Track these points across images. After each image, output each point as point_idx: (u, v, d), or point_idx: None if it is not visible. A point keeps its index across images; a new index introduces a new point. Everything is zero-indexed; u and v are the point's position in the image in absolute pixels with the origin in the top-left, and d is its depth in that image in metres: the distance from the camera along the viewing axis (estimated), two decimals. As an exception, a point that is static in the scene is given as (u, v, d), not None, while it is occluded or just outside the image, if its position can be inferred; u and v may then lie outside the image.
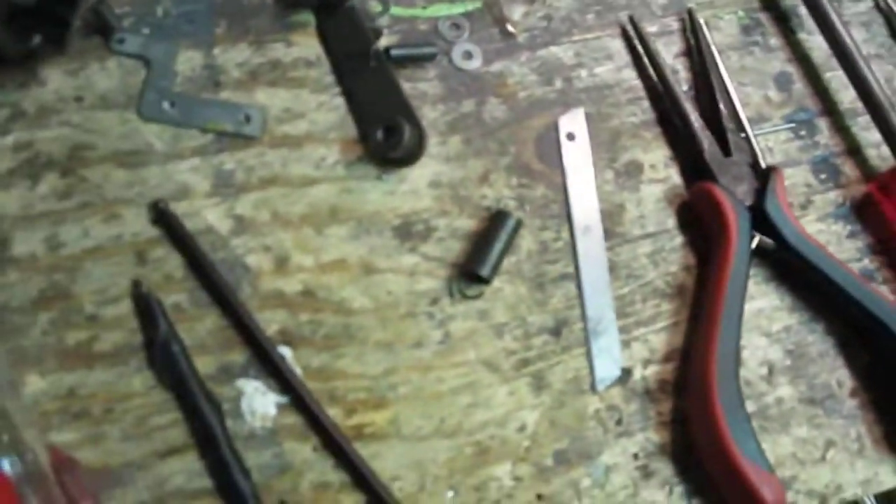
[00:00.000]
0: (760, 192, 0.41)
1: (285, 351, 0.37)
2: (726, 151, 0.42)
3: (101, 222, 0.38)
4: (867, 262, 0.43)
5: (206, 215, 0.38)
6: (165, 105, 0.39)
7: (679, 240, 0.42)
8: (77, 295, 0.36)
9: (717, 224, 0.40)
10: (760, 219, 0.40)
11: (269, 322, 0.37)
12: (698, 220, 0.42)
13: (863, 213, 0.44)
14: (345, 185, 0.40)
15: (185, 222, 0.38)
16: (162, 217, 0.38)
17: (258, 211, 0.39)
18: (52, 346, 0.36)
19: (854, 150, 0.46)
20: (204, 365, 0.36)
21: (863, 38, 0.48)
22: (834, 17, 0.45)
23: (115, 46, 0.40)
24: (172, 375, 0.36)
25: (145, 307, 0.36)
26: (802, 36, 0.47)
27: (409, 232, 0.40)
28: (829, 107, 0.46)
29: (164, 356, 0.36)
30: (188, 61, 0.41)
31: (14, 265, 0.36)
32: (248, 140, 0.40)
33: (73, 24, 0.37)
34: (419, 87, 0.42)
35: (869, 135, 0.45)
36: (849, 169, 0.45)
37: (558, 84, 0.43)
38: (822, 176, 0.45)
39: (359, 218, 0.39)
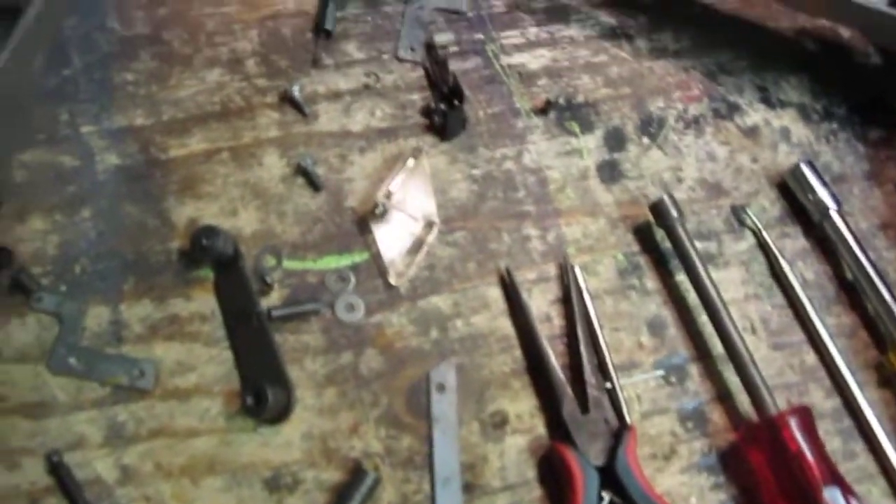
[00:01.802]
0: (612, 452, 0.44)
1: None
2: (584, 407, 0.46)
3: (3, 471, 0.44)
4: (729, 515, 0.46)
5: (96, 465, 0.44)
6: (71, 360, 0.46)
7: (538, 492, 0.45)
8: (-25, 541, 0.42)
9: (567, 485, 0.43)
10: (611, 478, 0.44)
11: (143, 571, 0.42)
12: (556, 475, 0.45)
13: (728, 462, 0.47)
14: (224, 438, 0.45)
15: (77, 472, 0.44)
16: (55, 468, 0.43)
17: (143, 462, 0.44)
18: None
19: (724, 396, 0.49)
20: None
21: (741, 277, 0.52)
22: (694, 257, 0.49)
23: (34, 304, 0.47)
24: None
25: (32, 556, 0.42)
26: (680, 278, 0.51)
27: (277, 484, 0.44)
28: (702, 352, 0.50)
29: None
30: (97, 317, 0.47)
31: (-76, 513, 0.43)
32: (141, 392, 0.46)
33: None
34: (302, 339, 0.48)
35: (738, 381, 0.48)
36: (717, 416, 0.48)
37: (434, 334, 0.48)
38: (689, 424, 0.48)
39: (233, 470, 0.45)
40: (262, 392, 0.43)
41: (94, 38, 0.54)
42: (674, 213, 0.50)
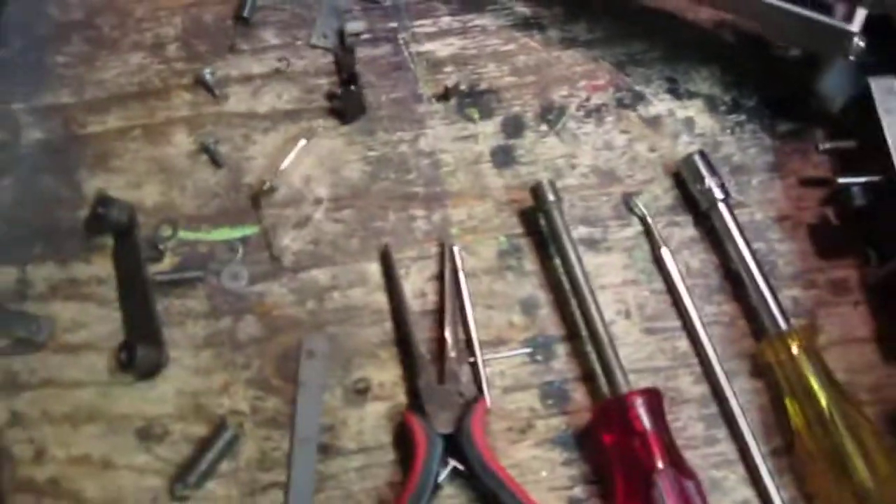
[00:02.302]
0: (459, 421, 0.46)
1: (25, 532, 0.46)
2: (440, 379, 0.48)
3: None
4: (577, 492, 0.47)
5: (-11, 409, 0.49)
6: (-24, 313, 0.51)
7: (391, 456, 0.48)
8: None
9: (412, 449, 0.46)
10: (456, 446, 0.46)
11: (19, 505, 0.47)
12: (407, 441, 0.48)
13: (582, 441, 0.48)
14: (105, 390, 0.49)
15: (-28, 414, 0.49)
16: (-47, 409, 0.49)
17: (31, 408, 0.49)
18: None
19: (588, 377, 0.50)
20: (-38, 537, 0.46)
21: (622, 263, 0.53)
22: (565, 240, 0.50)
23: (-48, 264, 0.52)
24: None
25: (-75, 485, 0.47)
26: (557, 262, 0.52)
27: (147, 434, 0.48)
28: (572, 333, 0.51)
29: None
30: (5, 275, 0.52)
31: None
32: (37, 346, 0.50)
33: None
34: (188, 304, 0.51)
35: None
36: (579, 396, 0.50)
37: (311, 305, 0.51)
38: (549, 401, 0.49)
39: (110, 419, 0.49)
40: (132, 349, 0.47)
41: (32, 23, 0.59)
42: (551, 196, 0.51)
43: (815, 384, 0.47)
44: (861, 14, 0.48)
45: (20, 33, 0.59)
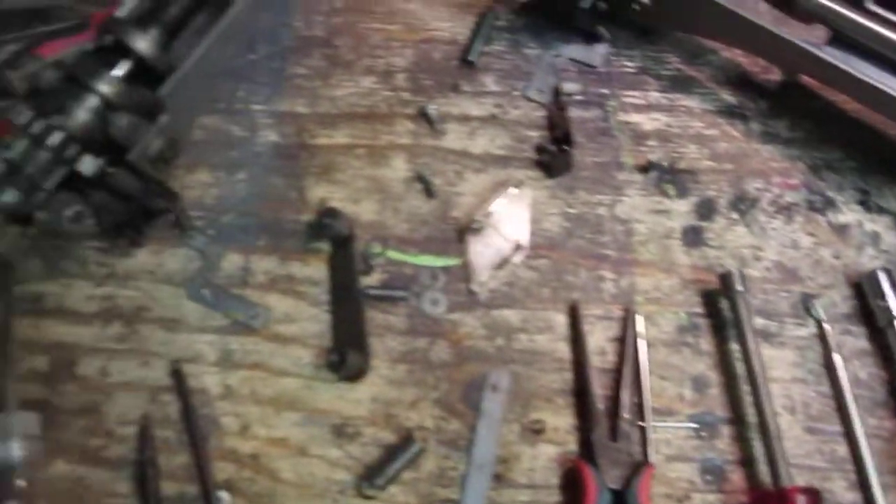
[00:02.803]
0: (628, 480, 0.51)
1: (224, 496, 0.52)
2: (614, 437, 0.52)
3: (137, 366, 0.56)
4: (724, 568, 0.51)
5: (205, 379, 0.55)
6: (205, 291, 0.58)
7: (556, 498, 0.53)
8: (105, 413, 0.54)
9: (581, 497, 0.50)
10: (622, 502, 0.50)
11: (221, 470, 0.53)
12: (575, 488, 0.52)
13: (735, 521, 0.52)
14: (308, 383, 0.55)
15: (190, 380, 0.55)
16: (175, 373, 0.55)
17: (242, 385, 0.55)
18: (77, 444, 0.54)
19: (747, 461, 0.54)
20: (168, 488, 0.52)
21: (793, 360, 0.56)
22: (748, 331, 0.54)
23: (187, 241, 0.59)
24: (144, 491, 0.52)
25: (143, 435, 0.54)
26: (732, 346, 0.56)
27: (342, 432, 0.54)
28: (737, 416, 0.55)
29: (142, 475, 0.53)
30: (231, 262, 0.59)
31: (74, 381, 0.55)
32: (252, 330, 0.57)
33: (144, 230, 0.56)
34: (389, 319, 0.57)
35: (764, 450, 0.53)
36: (736, 478, 0.53)
37: (499, 341, 0.56)
38: (708, 477, 0.53)
39: (310, 411, 0.55)
40: (345, 354, 0.53)
41: (279, 33, 0.66)
42: (739, 287, 0.55)
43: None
44: None
45: (268, 41, 0.65)
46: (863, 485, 0.53)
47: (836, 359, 0.56)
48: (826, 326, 0.57)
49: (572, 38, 0.66)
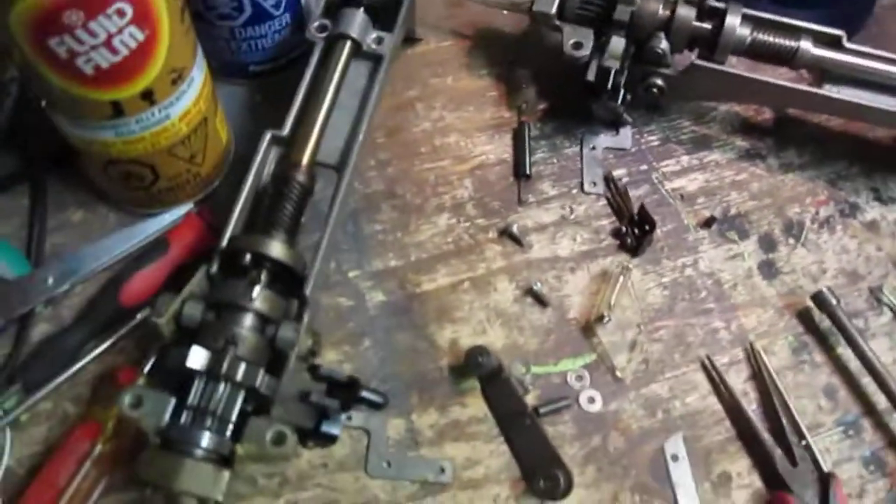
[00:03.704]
0: (824, 495, 0.58)
1: None
2: (793, 461, 0.60)
3: (349, 558, 0.57)
4: (919, 540, 0.60)
5: (421, 547, 0.57)
6: (384, 464, 0.59)
7: (768, 535, 0.59)
8: None
9: (794, 525, 0.57)
10: (828, 519, 0.58)
11: None
12: (781, 520, 0.59)
13: (910, 496, 0.61)
14: (515, 515, 0.59)
15: (407, 554, 0.57)
16: (392, 552, 0.57)
17: (457, 540, 0.58)
18: None
19: (894, 442, 0.63)
20: None
21: (888, 345, 0.67)
22: (856, 335, 0.64)
23: (346, 423, 0.61)
24: None
25: None
26: (840, 350, 0.66)
27: (566, 549, 0.58)
28: (869, 408, 0.64)
29: None
30: (395, 427, 0.61)
31: None
32: (443, 486, 0.59)
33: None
34: (559, 429, 0.62)
35: (904, 430, 0.63)
36: (892, 459, 0.62)
37: (659, 415, 0.63)
38: (871, 468, 0.62)
39: (529, 540, 0.58)
40: (553, 477, 0.57)
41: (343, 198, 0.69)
42: (833, 300, 0.65)
43: None
44: None
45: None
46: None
47: (920, 333, 0.67)
48: (900, 308, 0.68)
49: (599, 129, 0.74)
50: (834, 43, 0.68)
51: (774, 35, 0.68)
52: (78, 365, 0.60)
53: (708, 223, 0.70)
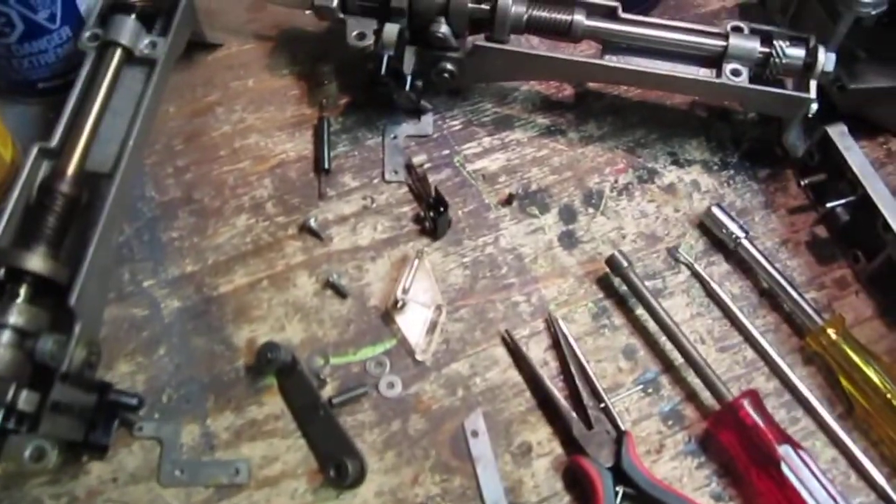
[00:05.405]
0: (618, 454, 0.58)
1: None
2: (588, 425, 0.60)
3: (141, 572, 0.55)
4: (715, 486, 0.60)
5: (216, 552, 0.55)
6: (177, 472, 0.58)
7: (567, 499, 0.59)
8: None
9: (589, 487, 0.57)
10: (621, 475, 0.57)
11: None
12: (578, 481, 0.59)
13: (705, 446, 0.61)
14: (314, 508, 0.57)
15: (202, 560, 0.55)
16: (185, 560, 0.55)
17: (253, 541, 0.56)
18: None
19: (692, 396, 0.63)
20: None
21: (685, 302, 0.67)
22: (647, 294, 0.64)
23: (136, 433, 0.59)
24: None
25: None
26: (640, 312, 0.66)
27: (364, 536, 0.57)
28: (667, 365, 0.64)
29: None
30: (190, 433, 0.59)
31: None
32: (239, 487, 0.58)
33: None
34: (358, 417, 0.61)
35: (700, 382, 0.63)
36: (690, 412, 0.63)
37: (460, 392, 0.62)
38: (670, 422, 0.62)
39: (327, 531, 0.57)
40: (342, 465, 0.56)
41: (139, 207, 0.68)
42: (624, 263, 0.65)
43: (856, 357, 0.62)
44: (814, 84, 0.66)
45: (131, 219, 0.67)
46: (775, 372, 0.64)
47: (714, 287, 0.67)
48: (695, 266, 0.68)
49: (401, 118, 0.74)
50: (610, 14, 0.69)
51: (549, 10, 0.68)
52: None
53: (508, 200, 0.70)
